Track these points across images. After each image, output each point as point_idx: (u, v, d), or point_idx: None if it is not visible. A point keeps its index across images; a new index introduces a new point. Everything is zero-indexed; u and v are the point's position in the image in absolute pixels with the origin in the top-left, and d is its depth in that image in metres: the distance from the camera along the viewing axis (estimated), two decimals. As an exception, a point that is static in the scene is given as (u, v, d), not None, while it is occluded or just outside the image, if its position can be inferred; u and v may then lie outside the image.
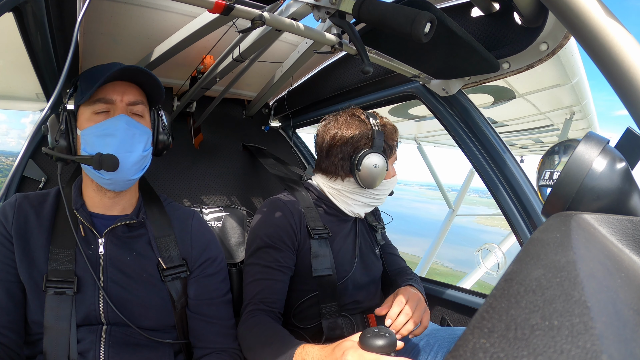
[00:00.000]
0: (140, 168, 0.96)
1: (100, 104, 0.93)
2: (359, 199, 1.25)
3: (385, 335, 0.78)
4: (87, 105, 0.93)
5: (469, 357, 0.20)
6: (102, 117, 0.93)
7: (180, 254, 1.05)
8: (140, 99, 0.99)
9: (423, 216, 32.34)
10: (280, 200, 1.23)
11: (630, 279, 0.30)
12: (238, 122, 2.11)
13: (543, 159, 0.84)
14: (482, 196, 53.48)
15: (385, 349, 0.77)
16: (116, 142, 0.91)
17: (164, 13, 1.23)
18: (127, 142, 0.92)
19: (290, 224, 1.17)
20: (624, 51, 0.43)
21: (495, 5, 1.04)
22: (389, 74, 1.50)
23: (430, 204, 53.40)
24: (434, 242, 6.68)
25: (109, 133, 0.91)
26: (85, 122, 0.93)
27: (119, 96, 0.94)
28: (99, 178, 0.93)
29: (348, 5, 0.78)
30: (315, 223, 1.21)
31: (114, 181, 0.93)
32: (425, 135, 5.06)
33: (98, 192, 0.98)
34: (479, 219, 21.79)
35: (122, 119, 0.92)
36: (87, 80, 0.94)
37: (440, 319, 1.55)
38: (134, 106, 0.97)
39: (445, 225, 6.69)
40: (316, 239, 1.19)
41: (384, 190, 1.28)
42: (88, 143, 0.91)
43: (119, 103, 0.94)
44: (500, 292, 0.25)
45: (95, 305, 0.93)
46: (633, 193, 0.46)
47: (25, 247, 0.92)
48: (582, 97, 2.92)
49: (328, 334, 1.17)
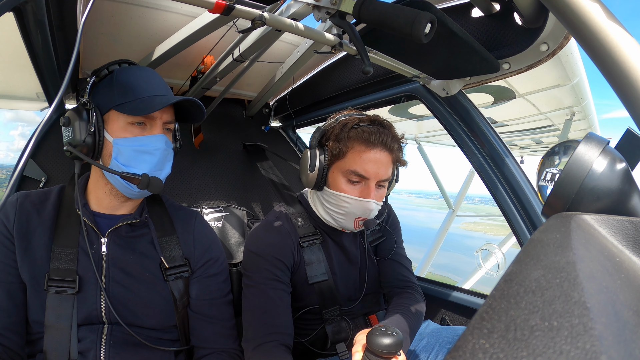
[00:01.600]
0: None
1: (140, 117, 0.92)
2: (320, 209, 1.19)
3: (393, 333, 0.78)
4: (123, 113, 0.91)
5: (468, 357, 0.20)
6: (138, 130, 0.93)
7: (182, 253, 1.05)
8: (174, 118, 1.01)
9: (410, 223, 32.39)
10: (271, 226, 1.19)
11: (630, 280, 0.30)
12: (238, 122, 2.11)
13: (543, 159, 0.84)
14: (469, 202, 53.63)
15: (392, 347, 0.77)
16: (154, 161, 0.93)
17: (165, 13, 1.23)
18: (162, 161, 0.95)
19: (287, 244, 1.14)
20: (624, 52, 0.43)
21: (496, 6, 1.04)
22: (389, 74, 1.50)
23: (418, 211, 53.56)
24: (433, 243, 6.68)
25: (148, 151, 0.92)
26: (119, 131, 0.91)
27: (159, 114, 0.95)
28: (127, 189, 0.93)
29: (348, 6, 0.78)
30: (304, 230, 1.18)
31: (142, 194, 0.95)
32: (426, 135, 5.06)
33: (108, 195, 0.98)
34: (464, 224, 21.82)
35: (162, 139, 0.94)
36: (128, 87, 0.92)
37: (440, 319, 1.55)
38: (168, 124, 0.98)
39: (445, 225, 6.69)
40: (306, 246, 1.16)
41: (334, 206, 1.12)
42: (122, 154, 0.91)
43: (158, 120, 0.95)
44: (500, 292, 0.25)
45: (97, 305, 0.93)
46: (633, 194, 0.46)
47: (26, 246, 0.92)
48: (583, 98, 2.92)
49: (333, 338, 1.16)
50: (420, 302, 1.21)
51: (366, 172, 1.06)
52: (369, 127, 1.08)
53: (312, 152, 1.11)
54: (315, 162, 1.10)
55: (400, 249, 1.36)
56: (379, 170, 1.07)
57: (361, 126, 1.08)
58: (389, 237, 1.33)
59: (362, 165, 1.06)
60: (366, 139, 1.06)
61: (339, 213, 1.12)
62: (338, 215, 1.13)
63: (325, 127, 1.14)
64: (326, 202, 1.14)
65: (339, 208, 1.11)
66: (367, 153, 1.06)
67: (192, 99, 0.95)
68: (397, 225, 1.39)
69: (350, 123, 1.09)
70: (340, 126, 1.10)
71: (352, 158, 1.07)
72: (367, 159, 1.06)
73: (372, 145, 1.06)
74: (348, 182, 1.09)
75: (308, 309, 1.18)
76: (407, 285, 1.27)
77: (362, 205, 1.08)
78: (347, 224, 1.13)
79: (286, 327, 1.06)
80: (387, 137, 1.07)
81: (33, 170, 1.49)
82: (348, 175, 1.08)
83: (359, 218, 1.10)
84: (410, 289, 1.26)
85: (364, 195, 1.08)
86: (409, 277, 1.29)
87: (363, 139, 1.06)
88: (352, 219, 1.11)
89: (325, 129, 1.14)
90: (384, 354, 0.77)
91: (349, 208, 1.09)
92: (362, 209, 1.08)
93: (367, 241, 1.30)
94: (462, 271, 13.85)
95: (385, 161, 1.08)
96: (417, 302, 1.19)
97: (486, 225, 8.69)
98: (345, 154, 1.08)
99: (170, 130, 1.01)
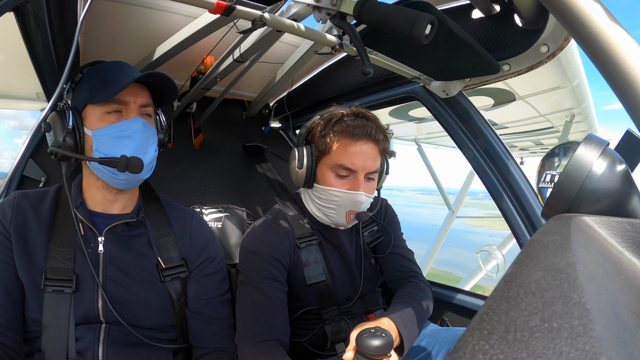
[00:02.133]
0: (151, 168, 0.98)
1: (113, 104, 0.93)
2: (312, 206, 1.19)
3: (382, 335, 0.78)
4: (98, 105, 0.92)
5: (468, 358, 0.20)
6: (114, 117, 0.93)
7: (179, 254, 1.04)
8: (150, 101, 1.00)
9: (413, 220, 32.40)
10: (267, 225, 1.19)
11: (630, 282, 0.30)
12: (238, 122, 2.11)
13: (543, 161, 0.84)
14: (474, 198, 53.64)
15: (381, 349, 0.76)
16: (134, 144, 0.92)
17: (165, 13, 1.23)
18: (143, 144, 0.94)
19: (283, 244, 1.14)
20: (625, 53, 0.43)
21: (496, 7, 1.04)
22: (390, 75, 1.50)
23: (422, 208, 53.63)
24: (433, 242, 6.67)
25: (126, 135, 0.92)
26: (96, 122, 0.92)
27: (133, 98, 0.95)
28: (112, 178, 0.93)
29: (349, 7, 0.78)
30: (301, 231, 1.18)
31: (129, 182, 0.94)
32: (426, 136, 5.06)
33: (101, 190, 0.98)
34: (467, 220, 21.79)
35: (139, 121, 0.93)
36: (97, 79, 0.93)
37: (440, 320, 1.55)
38: (145, 108, 0.98)
39: (445, 226, 6.69)
40: (304, 247, 1.17)
41: (325, 201, 1.13)
42: (102, 144, 0.91)
43: (133, 105, 0.95)
44: (500, 294, 0.25)
45: (94, 304, 0.93)
46: (633, 195, 0.46)
47: (24, 245, 0.92)
48: (583, 100, 2.92)
49: (333, 338, 1.16)
50: (424, 289, 1.20)
51: (353, 165, 1.07)
52: (352, 120, 1.09)
53: (299, 150, 1.13)
54: (302, 160, 1.11)
55: (400, 241, 1.36)
56: (366, 162, 1.08)
57: (345, 120, 1.09)
58: (387, 235, 1.33)
59: (349, 158, 1.07)
60: (351, 132, 1.07)
61: (330, 208, 1.13)
62: (329, 211, 1.13)
63: (310, 125, 1.16)
64: (317, 198, 1.15)
65: (330, 203, 1.12)
66: (352, 146, 1.07)
67: (159, 72, 0.95)
68: (394, 219, 1.39)
69: (334, 118, 1.11)
70: (324, 122, 1.12)
71: (339, 152, 1.08)
72: (353, 152, 1.07)
73: (357, 137, 1.07)
74: (337, 177, 1.10)
75: (306, 309, 1.18)
76: (411, 275, 1.26)
77: (351, 198, 1.08)
78: (339, 218, 1.13)
79: (283, 326, 1.06)
80: (372, 129, 1.09)
81: (33, 170, 1.49)
82: (336, 169, 1.09)
83: (350, 211, 1.11)
84: (414, 278, 1.25)
85: (353, 188, 1.09)
86: (411, 267, 1.29)
87: (348, 132, 1.07)
88: (343, 213, 1.11)
89: (310, 126, 1.15)
90: (374, 355, 0.77)
91: (339, 202, 1.10)
92: (352, 202, 1.09)
93: (365, 242, 1.30)
94: (466, 267, 13.80)
95: (372, 153, 1.09)
96: (421, 290, 1.18)
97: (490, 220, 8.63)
98: (331, 149, 1.09)
99: (150, 115, 1.00)
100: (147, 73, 0.92)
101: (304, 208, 1.24)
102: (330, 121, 1.10)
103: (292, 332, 1.20)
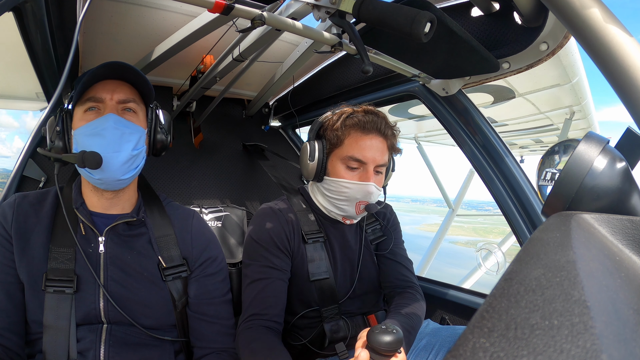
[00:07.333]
0: (131, 168, 0.95)
1: (90, 103, 0.93)
2: (321, 199, 1.23)
3: (393, 331, 0.78)
4: (79, 105, 0.94)
5: (468, 356, 0.20)
6: (92, 116, 0.93)
7: (180, 253, 1.05)
8: (132, 97, 0.98)
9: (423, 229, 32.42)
10: (271, 209, 1.23)
11: (630, 279, 0.30)
12: (238, 121, 2.11)
13: (543, 158, 0.84)
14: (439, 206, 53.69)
15: (393, 344, 0.77)
16: (103, 142, 0.90)
17: (164, 13, 1.23)
18: (114, 141, 0.91)
19: (284, 230, 1.17)
20: (624, 51, 0.43)
21: (495, 5, 1.04)
22: (389, 73, 1.50)
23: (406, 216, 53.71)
24: (433, 242, 6.69)
25: (96, 132, 0.91)
26: (77, 122, 0.93)
27: (109, 94, 0.94)
28: (90, 177, 0.93)
29: (348, 5, 0.78)
30: (309, 227, 1.21)
31: (104, 181, 0.93)
32: (425, 134, 5.05)
33: (95, 192, 0.98)
34: (423, 226, 21.73)
35: (110, 118, 0.92)
36: (80, 80, 0.94)
37: (440, 319, 1.55)
38: (125, 104, 0.96)
39: (445, 224, 6.71)
40: (311, 243, 1.19)
41: (335, 193, 1.16)
42: (79, 143, 0.91)
43: (109, 102, 0.94)
44: (500, 291, 0.25)
45: (95, 304, 0.93)
46: (633, 193, 0.46)
47: (24, 246, 0.92)
48: (582, 97, 2.92)
49: (331, 337, 1.16)
50: (420, 302, 1.22)
51: (364, 157, 1.12)
52: (363, 115, 1.14)
53: (311, 143, 1.17)
54: (314, 152, 1.16)
55: (401, 249, 1.37)
56: (376, 155, 1.13)
57: (357, 115, 1.14)
58: (389, 236, 1.35)
59: (359, 151, 1.11)
60: (362, 126, 1.12)
61: (341, 199, 1.16)
62: (340, 202, 1.17)
63: (322, 119, 1.21)
64: (327, 190, 1.19)
65: (340, 194, 1.15)
66: (363, 139, 1.12)
67: (123, 63, 0.93)
68: (397, 227, 1.41)
69: (346, 113, 1.16)
70: (337, 116, 1.17)
71: (350, 144, 1.13)
72: (364, 145, 1.12)
73: (368, 131, 1.13)
74: (347, 169, 1.14)
75: (307, 310, 1.19)
76: (408, 286, 1.28)
77: (362, 188, 1.12)
78: (349, 209, 1.16)
79: (279, 310, 1.10)
80: (382, 124, 1.14)
81: (33, 170, 1.49)
82: (347, 161, 1.13)
83: (360, 202, 1.14)
84: (411, 289, 1.27)
85: (363, 179, 1.13)
86: (409, 278, 1.30)
87: (359, 126, 1.13)
88: (353, 204, 1.15)
89: (323, 120, 1.21)
90: (385, 351, 0.78)
91: (350, 193, 1.13)
92: (362, 192, 1.13)
93: (368, 239, 1.32)
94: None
95: (381, 147, 1.14)
96: (418, 302, 1.21)
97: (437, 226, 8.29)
98: (343, 142, 1.14)
99: (135, 112, 0.98)
100: (105, 64, 0.91)
101: (311, 203, 1.27)
102: (342, 115, 1.16)
103: (291, 330, 1.20)
